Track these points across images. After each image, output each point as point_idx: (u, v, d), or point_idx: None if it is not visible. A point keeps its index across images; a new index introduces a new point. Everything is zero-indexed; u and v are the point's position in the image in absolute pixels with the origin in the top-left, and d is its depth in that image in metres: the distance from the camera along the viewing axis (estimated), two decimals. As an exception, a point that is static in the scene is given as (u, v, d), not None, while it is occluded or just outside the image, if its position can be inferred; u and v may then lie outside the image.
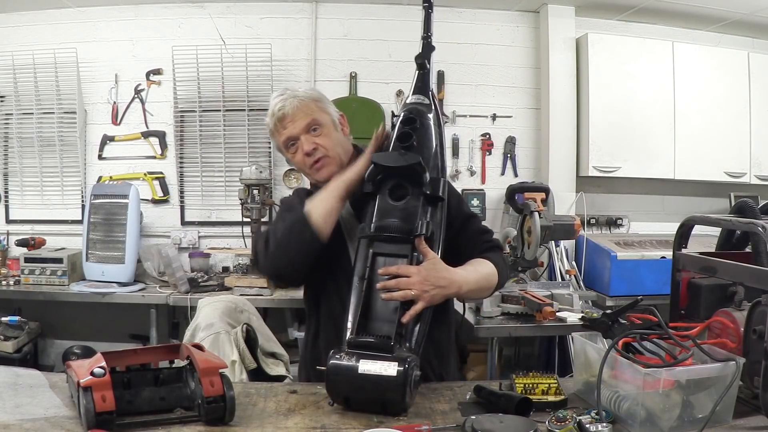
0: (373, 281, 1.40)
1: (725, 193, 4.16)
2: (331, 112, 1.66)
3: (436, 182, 1.48)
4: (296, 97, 1.60)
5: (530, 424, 1.20)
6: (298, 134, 1.59)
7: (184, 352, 1.28)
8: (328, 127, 1.62)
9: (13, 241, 3.80)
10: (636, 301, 1.44)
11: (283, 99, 1.60)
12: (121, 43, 3.93)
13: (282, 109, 1.59)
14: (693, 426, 1.20)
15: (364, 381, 1.26)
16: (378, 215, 1.46)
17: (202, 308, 2.34)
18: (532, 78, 4.11)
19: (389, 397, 1.27)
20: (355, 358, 1.28)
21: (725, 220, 1.68)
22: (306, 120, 1.59)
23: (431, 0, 1.74)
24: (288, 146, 1.61)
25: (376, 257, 1.43)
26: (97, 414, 1.11)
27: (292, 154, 1.62)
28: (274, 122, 1.60)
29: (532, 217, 3.16)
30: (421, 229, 1.41)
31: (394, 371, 1.25)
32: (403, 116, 1.58)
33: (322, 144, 1.59)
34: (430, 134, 1.56)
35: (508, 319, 2.91)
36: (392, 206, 1.46)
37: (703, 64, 4.01)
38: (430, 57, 1.67)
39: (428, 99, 1.61)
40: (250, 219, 3.67)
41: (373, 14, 4.01)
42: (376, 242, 1.44)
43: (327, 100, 1.68)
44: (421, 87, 1.64)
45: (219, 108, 3.91)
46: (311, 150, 1.58)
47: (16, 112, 3.90)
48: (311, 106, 1.61)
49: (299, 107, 1.59)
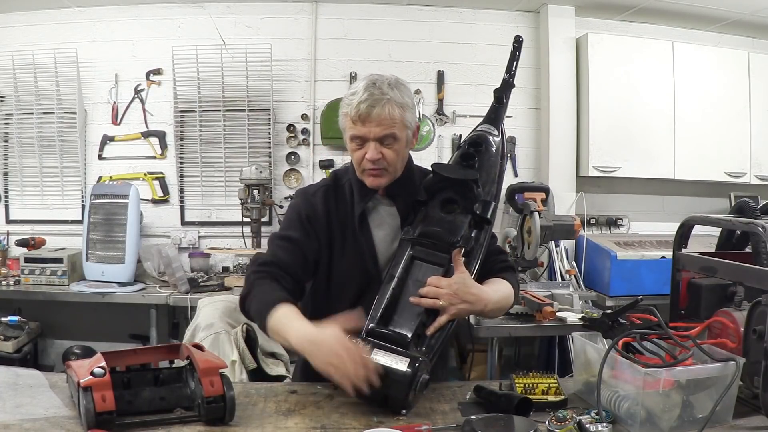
0: (406, 282, 1.44)
1: (725, 193, 4.16)
2: (410, 125, 1.55)
3: (487, 205, 1.54)
4: (388, 100, 1.49)
5: (530, 424, 1.20)
6: (371, 139, 1.50)
7: (184, 352, 1.28)
8: (401, 143, 1.53)
9: (13, 241, 3.80)
10: (636, 301, 1.44)
11: (374, 98, 1.48)
12: (121, 43, 3.93)
13: (370, 108, 1.47)
14: (693, 426, 1.20)
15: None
16: (425, 222, 1.50)
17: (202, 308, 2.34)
18: (532, 78, 4.11)
19: (393, 392, 1.28)
20: (371, 346, 1.30)
21: (725, 220, 1.68)
22: (385, 131, 1.49)
23: (521, 40, 1.78)
24: (353, 139, 1.53)
25: (414, 260, 1.47)
26: (97, 414, 1.11)
27: (354, 147, 1.54)
28: (355, 114, 1.49)
29: (532, 217, 3.16)
30: (461, 242, 1.46)
31: (404, 367, 1.27)
32: (470, 138, 1.67)
33: (388, 157, 1.52)
34: (492, 162, 1.64)
35: (508, 319, 2.90)
36: (440, 217, 1.51)
37: (703, 64, 4.00)
38: (508, 94, 1.75)
39: (497, 132, 1.71)
40: (250, 219, 3.67)
41: (373, 14, 4.01)
42: (417, 246, 1.47)
43: (413, 106, 1.56)
44: (493, 119, 1.74)
45: (219, 108, 3.91)
46: (375, 159, 1.51)
47: (16, 112, 3.91)
48: (396, 117, 1.50)
49: (386, 115, 1.48)
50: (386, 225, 1.59)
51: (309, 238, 1.56)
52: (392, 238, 1.57)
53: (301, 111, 3.99)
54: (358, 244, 1.56)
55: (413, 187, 1.60)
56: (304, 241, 1.55)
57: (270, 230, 3.84)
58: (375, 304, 1.41)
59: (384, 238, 1.58)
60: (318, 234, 1.57)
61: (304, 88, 4.00)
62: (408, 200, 1.59)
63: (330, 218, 1.58)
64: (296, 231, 1.56)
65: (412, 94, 1.59)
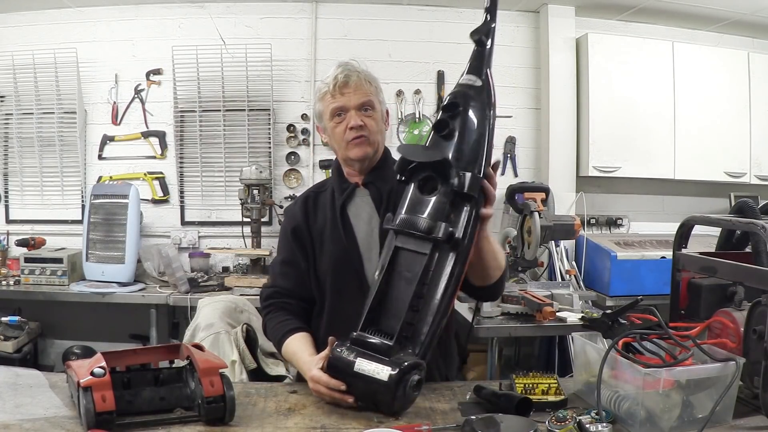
0: (392, 275, 1.38)
1: (725, 193, 4.16)
2: (382, 101, 1.69)
3: (464, 178, 1.34)
4: (360, 74, 1.63)
5: (530, 424, 1.20)
6: (351, 107, 1.60)
7: (184, 352, 1.28)
8: (378, 113, 1.65)
9: (13, 241, 3.80)
10: (636, 301, 1.44)
11: (348, 70, 1.63)
12: (121, 43, 3.93)
13: (347, 78, 1.61)
14: (693, 426, 1.20)
15: (358, 379, 1.29)
16: (407, 207, 1.39)
17: (202, 308, 2.34)
18: (532, 78, 4.11)
19: (379, 399, 1.30)
20: (354, 355, 1.30)
21: (725, 220, 1.68)
22: (363, 98, 1.61)
23: None
24: (334, 115, 1.62)
25: (398, 251, 1.39)
26: (97, 414, 1.11)
27: (335, 123, 1.62)
28: (334, 87, 1.61)
29: (532, 217, 3.16)
30: (438, 232, 1.32)
31: (386, 376, 1.26)
32: (446, 100, 1.44)
33: (368, 124, 1.61)
34: (473, 122, 1.40)
35: (508, 319, 2.91)
36: (421, 199, 1.38)
37: (703, 64, 4.00)
38: (488, 33, 1.48)
39: (480, 81, 1.45)
40: (250, 219, 3.67)
41: (373, 14, 4.01)
42: (399, 236, 1.39)
43: (381, 90, 1.70)
44: (476, 66, 1.47)
45: (219, 108, 3.91)
46: (357, 125, 1.60)
47: (16, 112, 3.90)
48: (371, 88, 1.64)
49: (362, 84, 1.62)
50: (365, 213, 1.66)
51: (298, 250, 1.68)
52: (371, 226, 1.63)
53: (301, 111, 3.99)
54: (337, 234, 1.63)
55: (389, 175, 1.60)
56: (296, 258, 1.68)
57: (270, 230, 3.86)
58: (366, 301, 1.39)
59: (363, 227, 1.64)
60: (303, 241, 1.68)
61: (304, 88, 4.00)
62: (384, 188, 1.63)
63: (309, 222, 1.69)
64: (288, 251, 1.70)
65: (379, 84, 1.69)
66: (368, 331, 1.34)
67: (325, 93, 1.63)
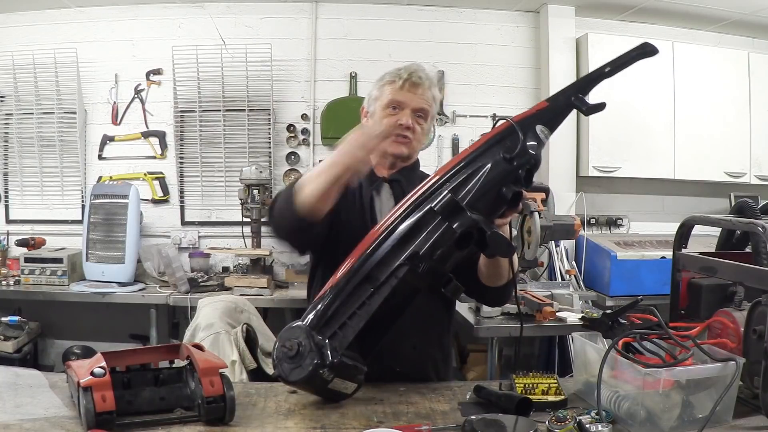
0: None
1: (725, 193, 4.16)
2: (433, 116, 1.72)
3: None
4: (432, 84, 1.67)
5: (530, 424, 1.20)
6: (410, 107, 1.62)
7: (184, 352, 1.28)
8: (427, 124, 1.68)
9: (13, 241, 3.80)
10: (636, 301, 1.44)
11: (424, 74, 1.65)
12: (121, 43, 3.93)
13: (420, 80, 1.63)
14: (693, 426, 1.20)
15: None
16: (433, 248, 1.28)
17: (202, 308, 2.34)
18: (532, 78, 4.11)
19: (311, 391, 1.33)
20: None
21: (725, 220, 1.68)
22: (424, 105, 1.64)
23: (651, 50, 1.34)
24: (390, 106, 1.63)
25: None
26: (97, 414, 1.11)
27: (388, 113, 1.63)
28: (404, 81, 1.62)
29: (532, 217, 3.15)
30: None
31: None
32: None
33: (416, 131, 1.64)
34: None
35: (508, 319, 2.91)
36: (454, 253, 1.30)
37: (703, 64, 4.00)
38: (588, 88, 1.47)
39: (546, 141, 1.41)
40: (250, 219, 3.67)
41: (373, 14, 4.01)
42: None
43: (437, 106, 1.73)
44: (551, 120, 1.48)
45: (219, 108, 3.91)
46: (408, 126, 1.62)
47: (16, 112, 3.91)
48: (432, 101, 1.67)
49: (428, 92, 1.65)
50: (386, 209, 1.65)
51: None
52: None
53: (301, 111, 3.99)
54: (365, 219, 1.62)
55: (416, 177, 1.66)
56: None
57: (270, 230, 3.84)
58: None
59: None
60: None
61: (304, 88, 4.00)
62: (408, 188, 1.53)
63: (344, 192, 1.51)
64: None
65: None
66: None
67: (391, 82, 1.64)
